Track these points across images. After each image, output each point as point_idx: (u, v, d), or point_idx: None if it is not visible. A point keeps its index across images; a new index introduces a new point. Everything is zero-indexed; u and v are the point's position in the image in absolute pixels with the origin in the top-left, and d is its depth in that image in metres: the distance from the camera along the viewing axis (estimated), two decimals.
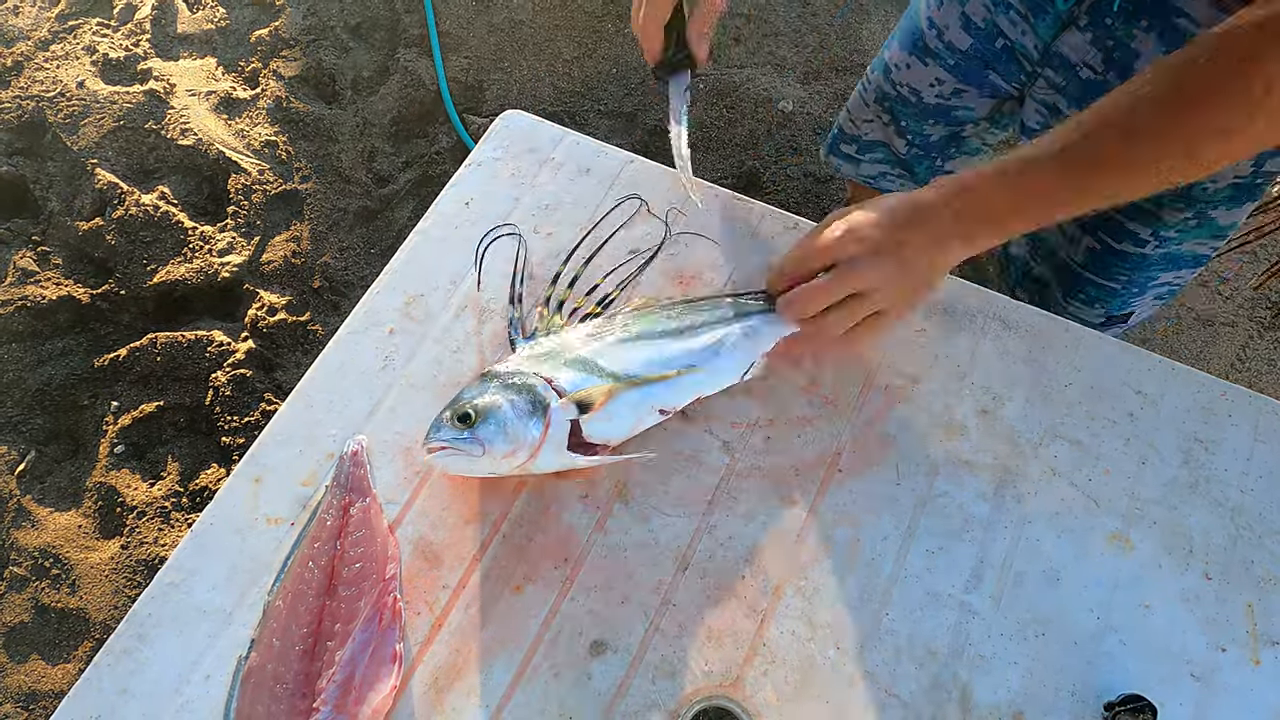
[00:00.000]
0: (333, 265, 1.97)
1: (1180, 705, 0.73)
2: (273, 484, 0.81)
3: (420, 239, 0.94)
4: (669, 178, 0.97)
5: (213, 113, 2.13)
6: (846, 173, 1.38)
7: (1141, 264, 1.06)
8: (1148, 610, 0.76)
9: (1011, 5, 1.01)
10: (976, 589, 0.77)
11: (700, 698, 0.72)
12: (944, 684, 0.73)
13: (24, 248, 1.95)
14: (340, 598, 0.75)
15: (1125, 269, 1.07)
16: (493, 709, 0.71)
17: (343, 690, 0.71)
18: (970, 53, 1.09)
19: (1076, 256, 1.11)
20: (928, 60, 1.15)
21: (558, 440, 0.77)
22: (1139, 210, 1.01)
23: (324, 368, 0.87)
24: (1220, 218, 1.00)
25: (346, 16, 2.27)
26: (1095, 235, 1.07)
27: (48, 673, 1.57)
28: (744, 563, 0.78)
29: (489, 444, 0.75)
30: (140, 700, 0.72)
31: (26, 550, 1.65)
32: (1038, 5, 0.98)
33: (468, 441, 0.75)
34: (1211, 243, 1.04)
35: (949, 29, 1.10)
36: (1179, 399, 0.86)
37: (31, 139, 2.07)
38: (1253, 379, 1.92)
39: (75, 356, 1.85)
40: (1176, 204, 0.98)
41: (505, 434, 0.75)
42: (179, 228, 1.95)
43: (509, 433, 0.75)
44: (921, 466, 0.82)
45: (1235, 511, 0.81)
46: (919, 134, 1.24)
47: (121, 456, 1.74)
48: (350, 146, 2.10)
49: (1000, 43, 1.05)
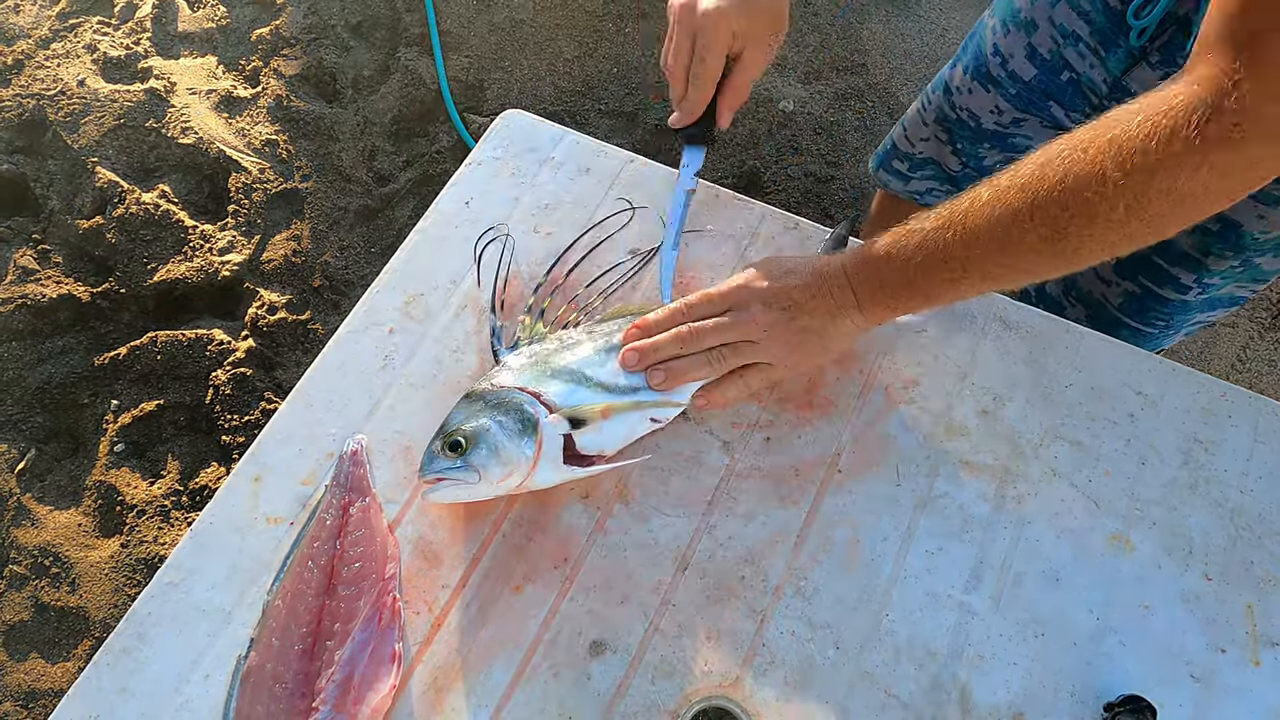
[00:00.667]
0: (333, 264, 1.97)
1: (1180, 706, 0.73)
2: (272, 483, 0.81)
3: (420, 238, 0.94)
4: (670, 178, 0.97)
5: (213, 111, 2.13)
6: (894, 188, 1.35)
7: (1182, 309, 1.04)
8: (1147, 611, 0.76)
9: (1081, 38, 0.99)
10: (976, 589, 0.77)
11: (700, 698, 0.72)
12: (944, 684, 0.73)
13: (24, 246, 1.95)
14: (340, 597, 0.75)
15: (1164, 314, 1.06)
16: (492, 709, 0.71)
17: (342, 690, 0.71)
18: (1033, 84, 1.07)
19: (1114, 300, 1.09)
20: (989, 87, 1.12)
21: (552, 456, 0.76)
22: (1184, 256, 0.99)
23: (324, 367, 0.86)
24: (1265, 264, 0.98)
25: (347, 15, 2.27)
26: (1135, 280, 1.05)
27: (47, 671, 1.57)
28: (744, 563, 0.77)
29: (483, 469, 0.74)
30: (140, 699, 0.72)
31: (26, 549, 1.65)
32: (1108, 39, 0.96)
33: (462, 470, 0.74)
34: (1252, 285, 1.02)
35: (1013, 58, 1.07)
36: (1179, 400, 0.86)
37: (32, 137, 2.07)
38: (1253, 380, 1.92)
39: (75, 355, 1.85)
40: (1224, 251, 0.96)
41: (498, 457, 0.74)
42: (179, 226, 1.95)
43: (502, 456, 0.74)
44: (921, 467, 0.82)
45: (1235, 512, 0.81)
46: (973, 156, 1.21)
47: (121, 455, 1.74)
48: (351, 145, 2.10)
49: (1066, 75, 1.03)
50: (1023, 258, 0.69)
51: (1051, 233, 0.66)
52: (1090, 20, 0.97)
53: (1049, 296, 1.20)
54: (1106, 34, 0.96)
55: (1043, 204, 0.66)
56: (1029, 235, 0.67)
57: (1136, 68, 0.94)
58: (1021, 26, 1.05)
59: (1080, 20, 0.98)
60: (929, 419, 0.84)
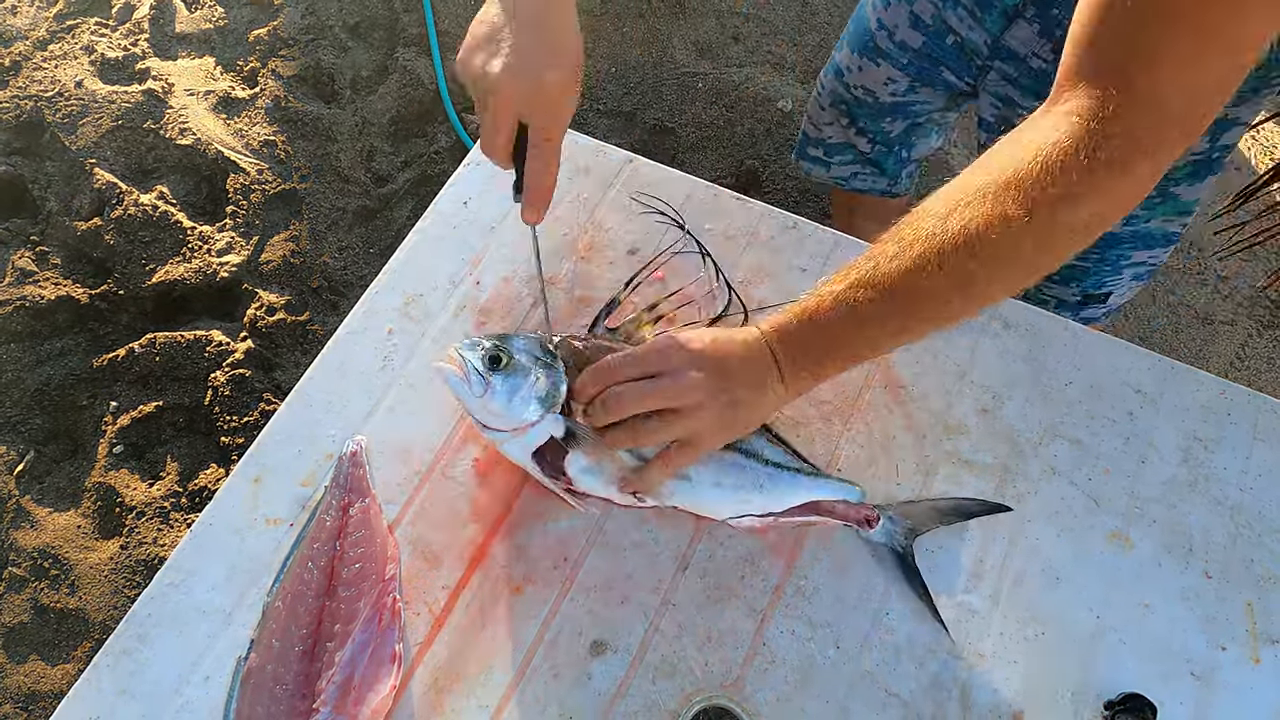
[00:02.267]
0: (332, 265, 1.97)
1: (1180, 704, 0.73)
2: (272, 484, 0.80)
3: (419, 239, 0.94)
4: (671, 178, 0.97)
5: (211, 112, 2.13)
6: (818, 176, 1.39)
7: (1110, 240, 1.06)
8: (1147, 609, 0.76)
9: (960, 2, 1.02)
10: (976, 588, 0.77)
11: (700, 698, 0.72)
12: (944, 683, 0.73)
13: (22, 248, 1.95)
14: (340, 598, 0.75)
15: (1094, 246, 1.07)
16: (492, 709, 0.71)
17: (342, 691, 0.71)
18: (922, 50, 1.10)
19: None
20: (880, 61, 1.15)
21: (531, 441, 0.76)
22: None
23: (323, 368, 0.86)
24: (1183, 194, 1.00)
25: (345, 16, 2.27)
26: None
27: (47, 673, 1.57)
28: (744, 563, 0.77)
29: (492, 395, 0.75)
30: (140, 701, 0.72)
31: (26, 550, 1.65)
32: (984, 1, 0.98)
33: (479, 379, 0.75)
34: (1179, 219, 1.04)
35: (898, 28, 1.11)
36: (1178, 398, 0.86)
37: (30, 139, 2.07)
38: (1252, 378, 1.92)
39: (74, 356, 1.85)
40: None
41: (509, 399, 0.75)
42: (178, 227, 1.95)
43: (512, 401, 0.75)
44: (921, 466, 0.82)
45: (1235, 510, 0.81)
46: (878, 131, 1.24)
47: (120, 456, 1.74)
48: (349, 146, 2.10)
49: (950, 39, 1.06)
50: (936, 308, 0.70)
51: (962, 280, 0.67)
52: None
53: None
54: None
55: (949, 254, 0.66)
56: (939, 285, 0.67)
57: (1013, 25, 0.97)
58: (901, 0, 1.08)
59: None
60: (928, 418, 0.84)
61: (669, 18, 2.28)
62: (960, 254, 0.66)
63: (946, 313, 0.71)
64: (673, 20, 2.28)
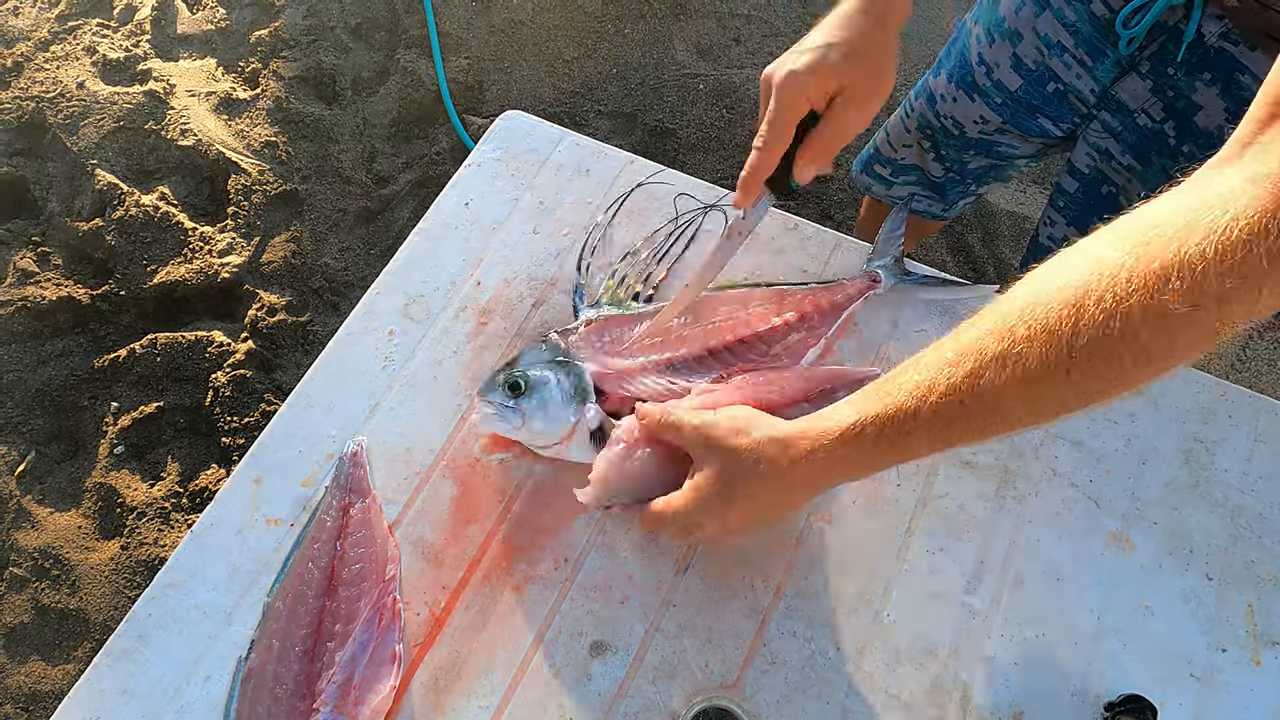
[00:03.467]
0: (332, 266, 1.97)
1: (1180, 705, 0.73)
2: (273, 484, 0.81)
3: (420, 239, 0.94)
4: (671, 178, 0.97)
5: (213, 113, 2.13)
6: (876, 193, 1.33)
7: None
8: (1148, 611, 0.76)
9: (1067, 49, 0.97)
10: (977, 589, 0.77)
11: (700, 698, 0.72)
12: (944, 684, 0.73)
13: (24, 248, 1.95)
14: (340, 598, 0.75)
15: None
16: (493, 709, 0.71)
17: (342, 691, 0.71)
18: (1019, 94, 1.05)
19: None
20: (975, 96, 1.11)
21: (582, 438, 0.79)
22: None
23: (324, 368, 0.86)
24: None
25: (346, 17, 2.27)
26: None
27: (48, 674, 1.57)
28: (744, 563, 0.77)
29: (529, 418, 0.78)
30: (140, 701, 0.72)
31: (26, 551, 1.65)
32: (1096, 49, 0.95)
33: (511, 411, 0.78)
34: None
35: (999, 67, 1.06)
36: (1179, 399, 0.86)
37: (31, 140, 2.07)
38: (1253, 380, 1.92)
39: (75, 357, 1.85)
40: None
41: (545, 412, 0.78)
42: (179, 228, 1.95)
43: (549, 412, 0.78)
44: (922, 467, 0.82)
45: (1235, 512, 0.81)
46: (958, 162, 1.20)
47: (121, 457, 1.74)
48: (350, 147, 2.10)
49: (1052, 86, 1.02)
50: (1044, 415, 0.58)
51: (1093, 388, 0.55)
52: (1076, 31, 0.96)
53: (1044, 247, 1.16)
54: (1094, 44, 0.95)
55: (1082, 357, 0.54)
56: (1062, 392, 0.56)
57: (1125, 77, 0.94)
58: (1006, 36, 1.03)
59: (1065, 31, 0.97)
60: None
61: (670, 19, 2.29)
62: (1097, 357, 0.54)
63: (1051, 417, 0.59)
64: (674, 21, 2.28)
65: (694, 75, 2.21)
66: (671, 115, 2.16)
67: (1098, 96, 0.98)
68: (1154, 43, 0.90)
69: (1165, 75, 0.90)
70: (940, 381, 0.59)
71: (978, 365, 0.57)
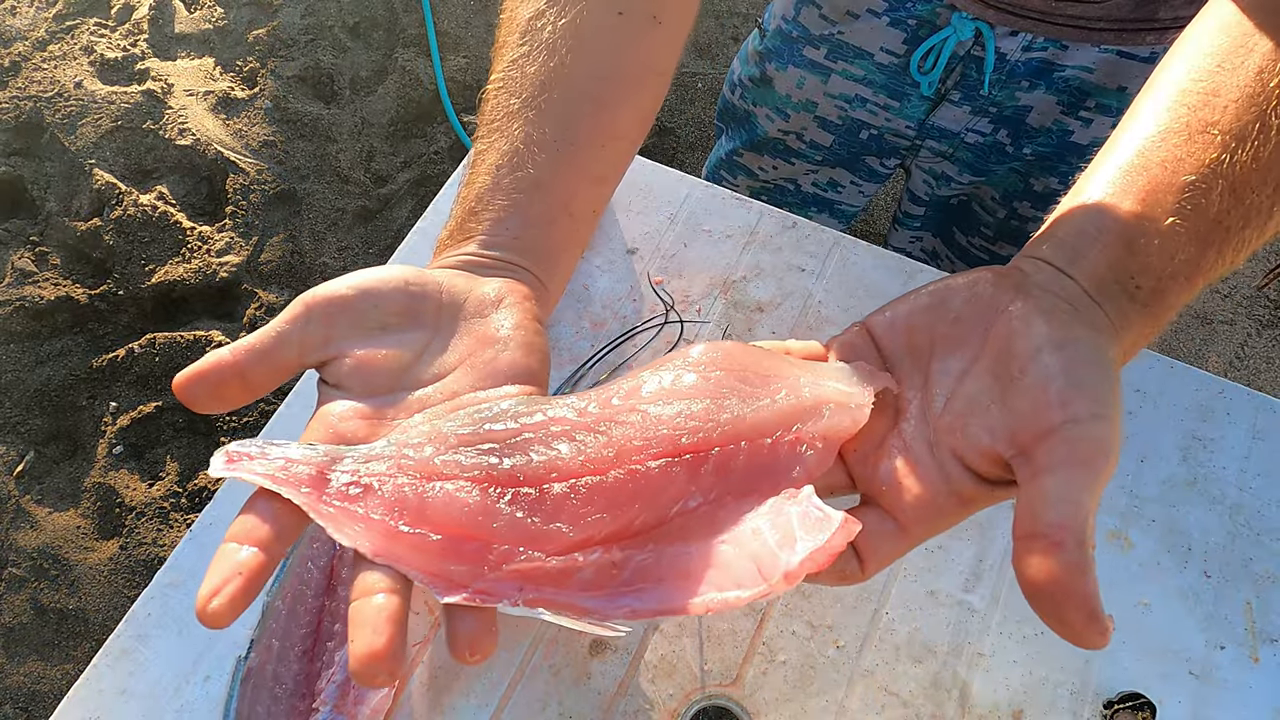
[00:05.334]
0: (331, 265, 1.97)
1: (1179, 703, 0.73)
2: None
3: (418, 239, 0.94)
4: (670, 178, 0.97)
5: (211, 112, 2.13)
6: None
7: None
8: (1146, 608, 0.76)
9: (867, 100, 0.94)
10: (976, 587, 0.77)
11: (700, 698, 0.72)
12: (943, 683, 0.73)
13: (22, 248, 1.95)
14: (340, 598, 0.75)
15: None
16: (492, 709, 0.71)
17: (342, 690, 0.71)
18: (835, 148, 1.02)
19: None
20: (794, 160, 1.06)
21: None
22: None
23: None
24: None
25: (344, 16, 2.27)
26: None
27: (46, 673, 1.57)
28: None
29: None
30: (140, 701, 0.72)
31: (25, 551, 1.65)
32: (897, 93, 0.92)
33: None
34: None
35: (806, 130, 1.02)
36: (1177, 397, 0.86)
37: (29, 139, 2.07)
38: (1251, 377, 1.92)
39: (74, 357, 1.85)
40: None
41: None
42: (177, 228, 1.95)
43: None
44: None
45: (1234, 509, 0.81)
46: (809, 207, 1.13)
47: (120, 457, 1.74)
48: (348, 146, 2.10)
49: (866, 134, 0.98)
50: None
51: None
52: (870, 83, 0.93)
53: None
54: (893, 89, 0.92)
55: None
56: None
57: (939, 108, 0.91)
58: (800, 109, 1.00)
59: (860, 85, 0.93)
60: None
61: None
62: None
63: None
64: None
65: (692, 74, 2.21)
66: (670, 114, 2.15)
67: (917, 128, 0.94)
68: (954, 74, 0.87)
69: (979, 98, 0.87)
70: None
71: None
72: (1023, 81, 0.85)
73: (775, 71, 0.99)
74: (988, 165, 0.94)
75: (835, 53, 0.93)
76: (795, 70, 0.97)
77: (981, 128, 0.91)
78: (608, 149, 0.60)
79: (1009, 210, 0.96)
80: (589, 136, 0.57)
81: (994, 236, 1.00)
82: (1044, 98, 0.85)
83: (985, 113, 0.89)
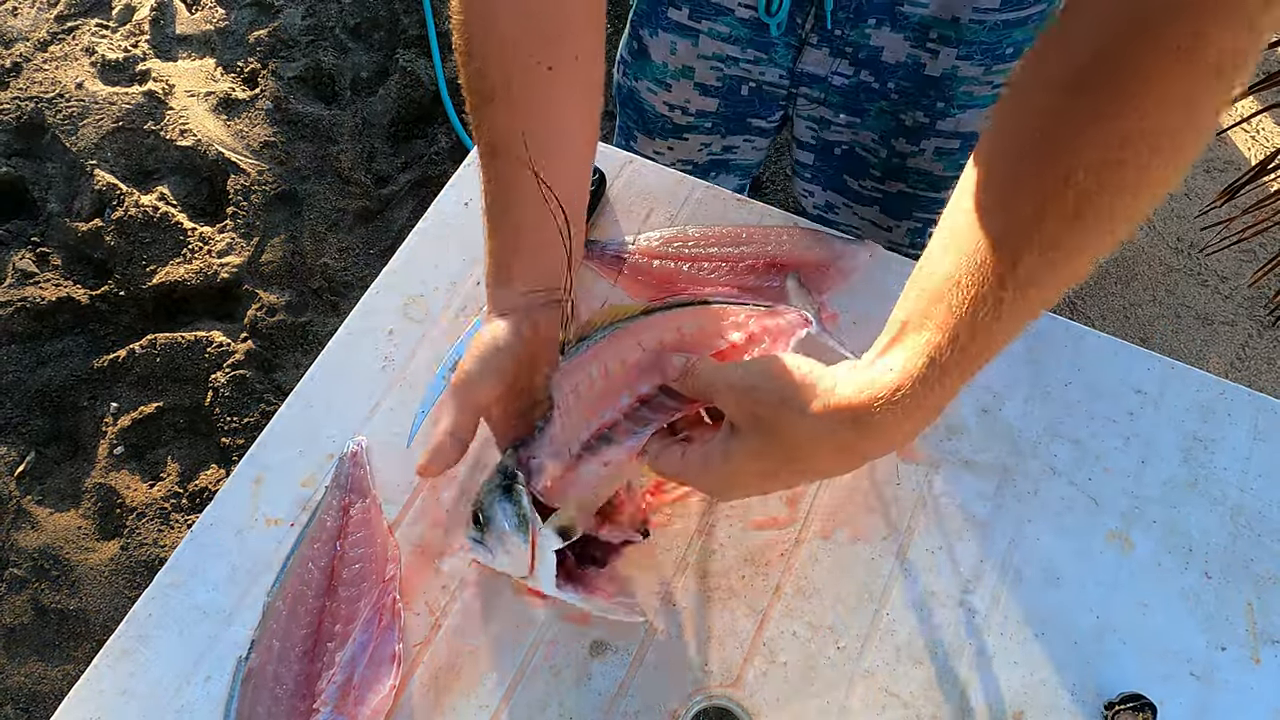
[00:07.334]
0: (332, 266, 1.97)
1: (1180, 704, 0.73)
2: (272, 484, 0.81)
3: (419, 239, 0.94)
4: (670, 179, 0.97)
5: (212, 113, 2.13)
6: None
7: None
8: (1147, 609, 0.76)
9: (736, 56, 0.99)
10: (976, 588, 0.77)
11: (700, 698, 0.72)
12: (944, 683, 0.73)
13: (23, 249, 1.95)
14: (340, 598, 0.75)
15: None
16: (492, 709, 0.71)
17: (342, 691, 0.71)
18: (722, 112, 1.06)
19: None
20: (687, 135, 1.10)
21: (546, 569, 0.68)
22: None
23: (323, 368, 0.86)
24: None
25: (345, 17, 2.27)
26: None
27: (47, 674, 1.57)
28: (744, 562, 0.78)
29: (493, 552, 0.69)
30: (140, 701, 0.72)
31: (26, 551, 1.65)
32: (761, 43, 0.97)
33: (481, 546, 0.69)
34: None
35: (691, 101, 1.06)
36: (1178, 398, 0.86)
37: (30, 140, 2.07)
38: (1252, 378, 1.92)
39: (74, 358, 1.85)
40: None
41: (503, 545, 0.68)
42: (178, 228, 1.95)
43: (506, 545, 0.68)
44: (921, 466, 0.82)
45: (1235, 510, 0.81)
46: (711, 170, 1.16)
47: (121, 457, 1.74)
48: (349, 147, 2.10)
49: (745, 89, 1.03)
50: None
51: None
52: (736, 39, 0.98)
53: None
54: (756, 41, 0.97)
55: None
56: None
57: (802, 53, 0.97)
58: (678, 75, 1.04)
59: (727, 43, 0.99)
60: None
61: None
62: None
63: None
64: None
65: None
66: None
67: (791, 78, 1.01)
68: (807, 16, 0.93)
69: (834, 38, 0.94)
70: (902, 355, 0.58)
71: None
72: (870, 19, 0.90)
73: (649, 39, 1.04)
74: (860, 104, 1.00)
75: (698, 12, 0.98)
76: (665, 35, 1.02)
77: (844, 70, 0.96)
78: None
79: (889, 149, 1.03)
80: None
81: (882, 176, 1.06)
82: (892, 36, 0.91)
83: (844, 54, 0.95)
